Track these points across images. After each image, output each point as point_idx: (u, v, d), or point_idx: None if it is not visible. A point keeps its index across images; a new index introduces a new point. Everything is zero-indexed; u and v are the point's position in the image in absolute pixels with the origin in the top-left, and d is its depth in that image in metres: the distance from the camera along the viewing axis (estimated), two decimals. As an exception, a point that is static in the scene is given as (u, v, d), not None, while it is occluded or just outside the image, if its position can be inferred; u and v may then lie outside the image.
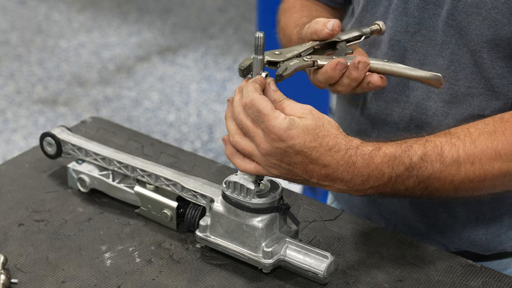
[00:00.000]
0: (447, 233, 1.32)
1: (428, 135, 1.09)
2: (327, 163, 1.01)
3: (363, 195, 1.07)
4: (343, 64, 1.09)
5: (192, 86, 3.89)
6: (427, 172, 1.05)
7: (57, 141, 1.31)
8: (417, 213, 1.32)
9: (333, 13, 1.44)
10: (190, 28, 4.50)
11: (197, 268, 1.14)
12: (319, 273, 1.09)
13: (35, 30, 4.45)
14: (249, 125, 1.02)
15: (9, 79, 3.92)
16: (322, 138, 1.00)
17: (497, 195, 1.23)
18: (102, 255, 1.17)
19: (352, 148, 1.02)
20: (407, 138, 1.08)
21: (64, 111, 3.64)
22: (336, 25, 1.12)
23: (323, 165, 1.01)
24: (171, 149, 1.45)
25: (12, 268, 1.13)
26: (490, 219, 1.30)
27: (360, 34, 1.18)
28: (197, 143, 3.42)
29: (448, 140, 1.07)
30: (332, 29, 1.11)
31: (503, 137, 1.07)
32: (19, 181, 1.34)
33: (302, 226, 1.23)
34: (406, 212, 1.33)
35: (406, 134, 1.22)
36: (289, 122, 0.99)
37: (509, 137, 1.08)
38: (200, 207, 1.18)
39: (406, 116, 1.26)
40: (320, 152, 1.00)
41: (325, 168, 1.01)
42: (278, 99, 1.03)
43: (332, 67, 1.09)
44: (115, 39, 4.36)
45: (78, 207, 1.28)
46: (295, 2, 1.43)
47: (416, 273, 1.14)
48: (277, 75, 1.06)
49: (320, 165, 1.01)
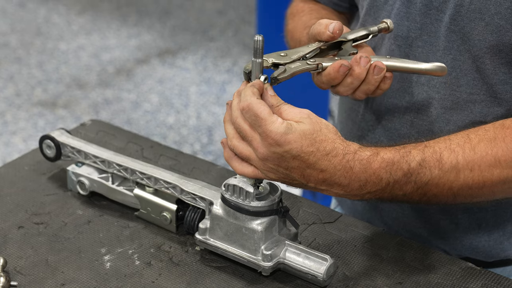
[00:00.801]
0: (449, 240, 1.32)
1: (427, 141, 1.08)
2: (325, 168, 1.00)
3: (360, 200, 1.06)
4: (346, 66, 1.09)
5: (192, 88, 3.89)
6: (426, 178, 1.05)
7: (57, 144, 1.31)
8: (418, 219, 1.32)
9: (341, 17, 1.44)
10: (190, 31, 4.50)
11: (197, 271, 1.14)
12: (318, 276, 1.09)
13: (34, 33, 4.45)
14: (246, 129, 1.02)
15: (9, 82, 3.92)
16: (319, 143, 1.00)
17: (500, 202, 1.23)
18: (101, 258, 1.17)
19: (349, 153, 1.01)
20: (406, 144, 1.08)
21: (64, 113, 3.64)
22: (336, 27, 1.11)
23: (320, 169, 1.01)
24: (170, 151, 1.45)
25: (11, 270, 1.13)
26: (493, 226, 1.30)
27: (367, 33, 1.18)
28: (196, 145, 3.42)
29: (447, 146, 1.07)
30: (333, 31, 1.11)
31: (503, 144, 1.07)
32: (18, 184, 1.35)
33: (302, 228, 1.23)
34: (407, 218, 1.33)
35: (407, 140, 1.22)
36: (286, 126, 0.99)
37: (509, 144, 1.07)
38: (200, 210, 1.18)
39: (407, 122, 1.26)
40: (317, 157, 1.00)
41: (323, 173, 1.01)
42: (276, 103, 1.03)
43: (335, 70, 1.09)
44: (115, 41, 4.36)
45: (77, 210, 1.28)
46: (304, 7, 1.43)
47: (416, 276, 1.14)
48: (272, 77, 1.05)
49: (317, 170, 1.01)
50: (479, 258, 1.32)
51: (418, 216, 1.32)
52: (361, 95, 1.14)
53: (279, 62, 1.08)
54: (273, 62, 1.07)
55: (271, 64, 1.07)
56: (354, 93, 1.14)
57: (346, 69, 1.09)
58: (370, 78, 1.11)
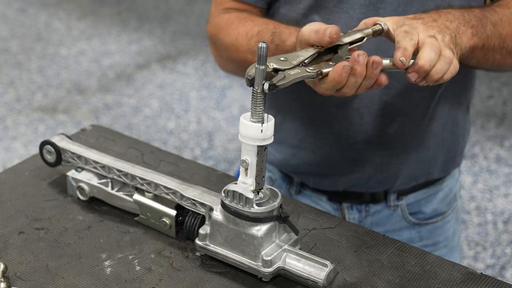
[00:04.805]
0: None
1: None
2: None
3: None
4: (348, 66, 1.09)
5: (192, 93, 3.90)
6: (494, 18, 1.26)
7: (57, 149, 1.31)
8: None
9: (263, 12, 1.45)
10: (190, 36, 4.51)
11: (197, 276, 1.14)
12: (319, 282, 1.09)
13: (35, 38, 4.46)
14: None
15: (9, 87, 3.93)
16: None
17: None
18: (102, 263, 1.17)
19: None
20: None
21: (64, 118, 3.64)
22: (333, 32, 1.11)
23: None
24: (170, 157, 1.45)
25: (12, 276, 1.13)
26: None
27: (362, 36, 1.17)
28: (196, 150, 3.42)
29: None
30: (330, 36, 1.11)
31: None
32: (19, 189, 1.35)
33: (302, 234, 1.23)
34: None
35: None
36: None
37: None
38: (200, 215, 1.18)
39: None
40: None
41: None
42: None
43: (338, 73, 1.09)
44: (115, 46, 4.37)
45: (78, 215, 1.28)
46: (230, 17, 1.42)
47: (416, 281, 1.14)
48: (271, 84, 1.05)
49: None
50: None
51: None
52: (363, 91, 1.15)
53: (279, 68, 1.07)
54: (274, 68, 1.07)
55: (272, 70, 1.07)
56: (357, 91, 1.14)
57: (348, 69, 1.09)
58: (369, 73, 1.12)
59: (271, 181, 1.61)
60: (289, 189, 1.58)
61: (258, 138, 1.07)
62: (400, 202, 1.54)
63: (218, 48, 1.45)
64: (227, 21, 1.42)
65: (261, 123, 1.07)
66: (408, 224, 1.57)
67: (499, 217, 3.00)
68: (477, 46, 1.23)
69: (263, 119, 1.07)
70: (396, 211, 1.55)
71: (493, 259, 2.78)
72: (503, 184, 3.20)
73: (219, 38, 1.43)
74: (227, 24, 1.42)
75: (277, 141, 1.53)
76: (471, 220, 2.98)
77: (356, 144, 1.45)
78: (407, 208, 1.56)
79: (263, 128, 1.07)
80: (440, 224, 1.60)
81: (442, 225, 1.61)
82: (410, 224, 1.57)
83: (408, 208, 1.56)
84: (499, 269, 2.73)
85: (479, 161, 3.36)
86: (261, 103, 1.06)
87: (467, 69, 1.44)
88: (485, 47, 1.26)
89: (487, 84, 3.95)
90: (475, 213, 3.03)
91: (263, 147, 1.08)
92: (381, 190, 1.53)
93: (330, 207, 1.55)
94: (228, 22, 1.42)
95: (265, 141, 1.08)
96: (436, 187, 1.57)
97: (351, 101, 1.41)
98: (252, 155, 1.09)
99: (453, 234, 1.65)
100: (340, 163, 1.49)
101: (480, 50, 1.26)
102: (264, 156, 1.09)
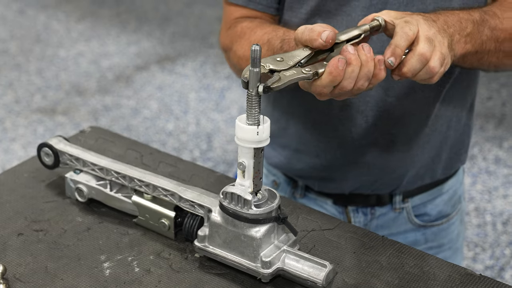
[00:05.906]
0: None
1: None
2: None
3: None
4: (342, 58, 1.07)
5: (191, 95, 3.90)
6: (493, 23, 1.26)
7: (55, 152, 1.31)
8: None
9: (276, 20, 1.45)
10: (189, 37, 4.51)
11: (196, 278, 1.14)
12: (318, 282, 1.09)
13: (34, 39, 4.46)
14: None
15: (8, 88, 3.93)
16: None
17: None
18: (101, 265, 1.17)
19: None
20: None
21: (63, 120, 3.64)
22: (329, 36, 1.09)
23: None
24: (170, 158, 1.46)
25: (11, 278, 1.13)
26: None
27: (360, 32, 1.14)
28: (196, 152, 3.43)
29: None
30: (325, 40, 1.09)
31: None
32: (18, 191, 1.35)
33: (301, 235, 1.23)
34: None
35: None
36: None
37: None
38: (198, 217, 1.18)
39: None
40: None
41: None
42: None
43: (335, 66, 1.07)
44: (114, 48, 4.37)
45: (77, 217, 1.28)
46: (243, 27, 1.41)
47: (415, 283, 1.14)
48: (265, 86, 1.04)
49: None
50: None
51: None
52: (363, 83, 1.11)
53: (275, 69, 1.06)
54: (270, 69, 1.06)
55: (268, 70, 1.06)
56: (355, 84, 1.11)
57: (344, 61, 1.07)
58: (363, 57, 1.10)
59: (276, 185, 1.60)
60: (293, 193, 1.58)
61: (254, 141, 1.07)
62: (406, 204, 1.54)
63: (232, 59, 1.44)
64: (240, 32, 1.41)
65: (257, 125, 1.06)
66: (413, 226, 1.57)
67: (498, 218, 3.00)
68: (470, 53, 1.24)
69: (259, 121, 1.06)
70: (402, 213, 1.55)
71: (492, 260, 2.78)
72: (502, 185, 3.21)
73: (233, 50, 1.42)
74: (240, 35, 1.40)
75: (281, 145, 1.53)
76: (470, 221, 2.98)
77: (361, 147, 1.45)
78: (412, 210, 1.55)
79: (259, 130, 1.06)
80: (445, 226, 1.60)
81: (447, 227, 1.61)
82: (416, 226, 1.57)
83: (414, 210, 1.56)
84: (498, 270, 2.73)
85: (478, 162, 3.36)
86: (256, 105, 1.05)
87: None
88: (478, 52, 1.26)
89: (486, 86, 3.96)
90: (474, 214, 3.03)
91: (260, 149, 1.08)
92: (387, 192, 1.52)
93: (335, 211, 1.55)
94: (241, 33, 1.40)
95: (261, 143, 1.07)
96: (440, 188, 1.57)
97: (355, 103, 1.41)
98: (249, 157, 1.08)
99: (458, 236, 1.65)
100: (345, 166, 1.49)
101: (474, 56, 1.26)
102: (261, 157, 1.09)
